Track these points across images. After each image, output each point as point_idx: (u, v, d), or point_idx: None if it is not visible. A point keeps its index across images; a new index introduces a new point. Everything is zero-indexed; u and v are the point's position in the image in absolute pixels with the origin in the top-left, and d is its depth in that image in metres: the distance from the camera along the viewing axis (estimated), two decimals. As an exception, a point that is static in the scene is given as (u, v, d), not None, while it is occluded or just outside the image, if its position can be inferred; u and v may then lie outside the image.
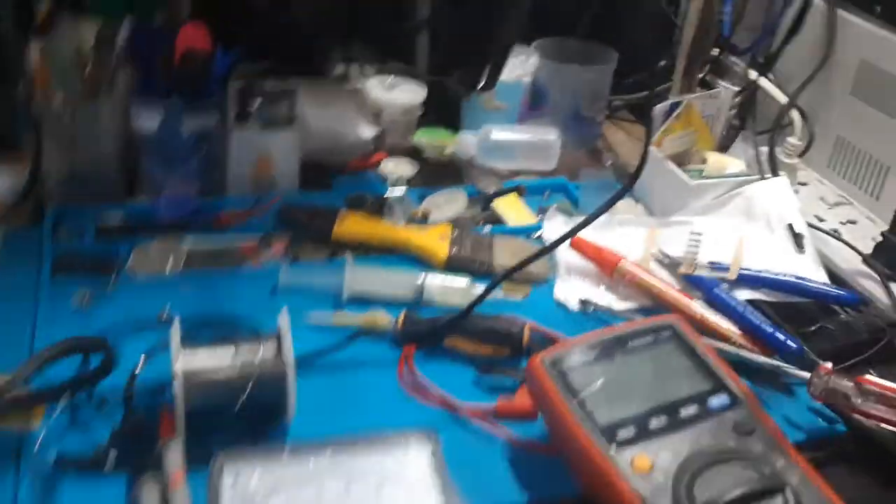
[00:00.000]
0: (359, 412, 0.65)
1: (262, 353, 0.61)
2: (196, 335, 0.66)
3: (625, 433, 0.55)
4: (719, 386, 0.59)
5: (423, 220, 0.88)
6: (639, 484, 0.52)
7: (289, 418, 0.62)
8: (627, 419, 0.56)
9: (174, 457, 0.55)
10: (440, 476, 0.54)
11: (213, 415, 0.59)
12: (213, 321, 0.72)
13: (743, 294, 0.80)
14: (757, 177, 0.90)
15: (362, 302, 0.77)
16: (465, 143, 1.02)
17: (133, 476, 0.56)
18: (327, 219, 0.83)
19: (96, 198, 0.84)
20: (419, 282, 0.77)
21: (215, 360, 0.60)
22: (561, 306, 0.81)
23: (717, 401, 0.58)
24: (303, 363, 0.67)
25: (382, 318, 0.73)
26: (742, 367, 0.72)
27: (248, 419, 0.60)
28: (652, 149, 0.94)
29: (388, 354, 0.72)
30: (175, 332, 0.59)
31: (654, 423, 0.56)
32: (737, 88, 0.99)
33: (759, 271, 0.81)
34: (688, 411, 0.57)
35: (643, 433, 0.55)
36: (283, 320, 0.62)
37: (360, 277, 0.77)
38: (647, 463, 0.53)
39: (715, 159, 0.92)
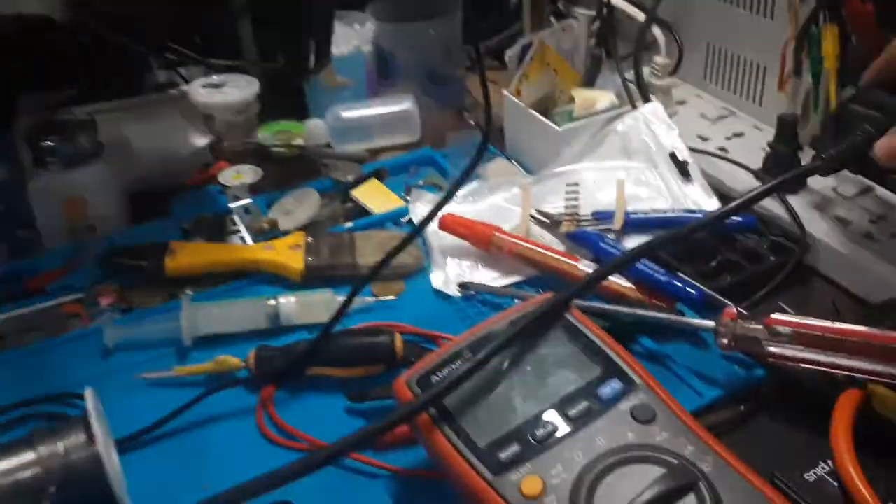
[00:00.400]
0: (215, 478, 0.53)
1: (68, 440, 0.50)
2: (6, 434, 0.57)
3: (508, 453, 0.47)
4: (611, 371, 0.51)
5: (273, 231, 0.77)
6: (530, 513, 0.44)
7: (123, 507, 0.52)
8: (509, 435, 0.48)
9: None
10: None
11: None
12: (32, 405, 0.61)
13: (633, 242, 0.72)
14: (627, 108, 0.82)
15: (212, 343, 0.67)
16: (314, 130, 0.92)
17: None
18: (157, 256, 0.72)
19: None
20: (272, 307, 0.67)
21: (19, 460, 0.50)
22: (441, 296, 0.72)
23: (608, 389, 0.49)
24: (140, 435, 0.58)
25: (232, 361, 0.63)
26: (645, 325, 0.65)
27: None
28: (511, 98, 0.85)
29: (245, 401, 0.62)
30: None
31: (541, 432, 0.48)
32: (592, 13, 0.90)
33: (646, 213, 0.74)
34: (577, 409, 0.48)
35: (529, 449, 0.47)
36: (90, 398, 0.52)
37: (200, 317, 0.66)
38: (538, 485, 0.45)
39: (583, 97, 0.83)
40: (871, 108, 0.63)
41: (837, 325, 0.56)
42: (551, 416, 0.48)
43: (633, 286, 0.67)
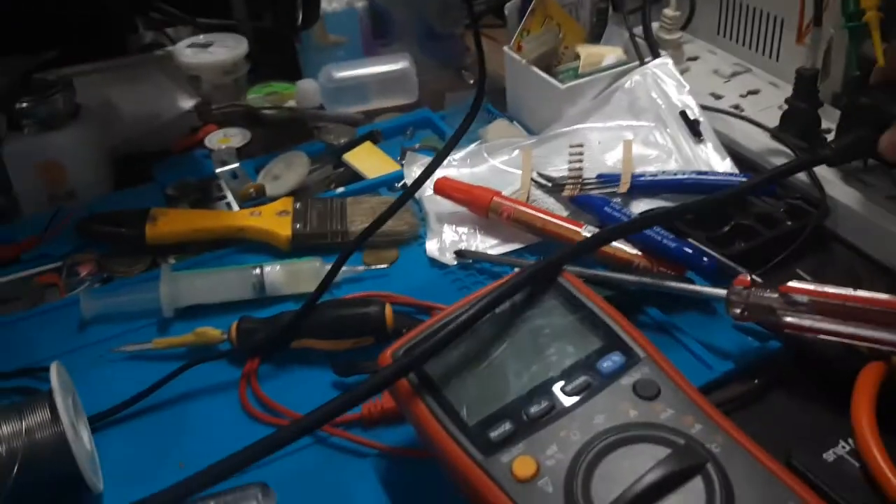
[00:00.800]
0: (195, 456, 0.50)
1: (32, 419, 0.47)
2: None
3: (499, 432, 0.43)
4: (612, 343, 0.47)
5: (260, 197, 0.73)
6: (521, 497, 0.40)
7: (94, 489, 0.49)
8: (501, 411, 0.44)
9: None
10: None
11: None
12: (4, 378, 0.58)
13: (640, 206, 0.68)
14: (636, 64, 0.77)
15: (194, 314, 0.63)
16: (306, 91, 0.87)
17: None
18: (137, 222, 0.68)
19: None
20: (257, 276, 0.64)
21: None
22: (436, 265, 0.68)
23: (609, 363, 0.46)
24: (115, 411, 0.55)
25: (213, 333, 0.59)
26: (653, 295, 0.61)
27: (40, 499, 0.48)
28: (511, 54, 0.80)
29: (227, 375, 0.58)
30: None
31: (535, 409, 0.44)
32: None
33: (655, 175, 0.69)
34: (575, 384, 0.45)
35: (522, 427, 0.43)
36: (54, 374, 0.48)
37: (182, 287, 0.63)
38: (531, 467, 0.41)
39: (589, 53, 0.79)
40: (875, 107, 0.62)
41: (859, 292, 0.52)
42: (547, 391, 0.45)
43: (639, 253, 0.63)
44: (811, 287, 0.53)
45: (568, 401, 0.44)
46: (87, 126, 0.74)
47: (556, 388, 0.45)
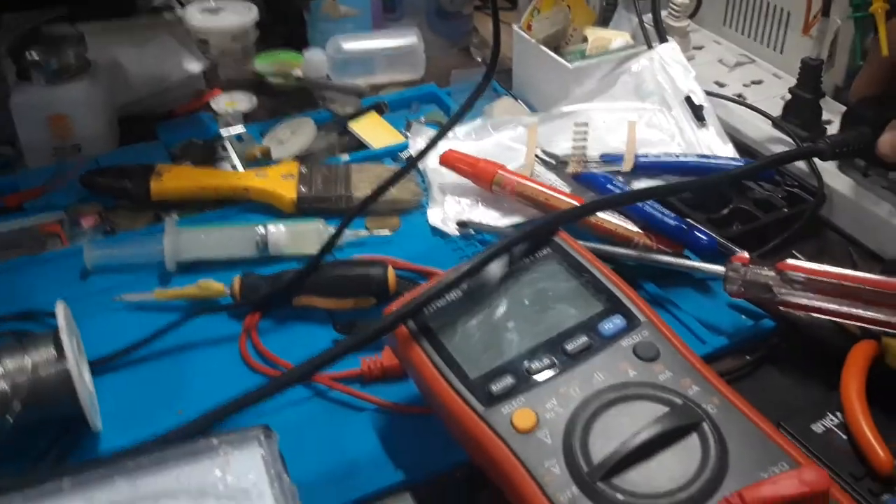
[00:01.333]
0: (192, 404, 0.50)
1: (37, 355, 0.48)
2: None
3: (500, 386, 0.44)
4: (613, 306, 0.47)
5: (265, 159, 0.74)
6: (520, 446, 0.41)
7: (94, 427, 0.50)
8: (503, 366, 0.45)
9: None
10: (274, 481, 0.42)
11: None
12: (6, 321, 0.58)
13: (642, 186, 0.69)
14: (643, 48, 0.78)
15: (196, 269, 0.64)
16: (313, 61, 0.88)
17: None
18: (142, 177, 0.68)
19: None
20: (261, 234, 0.64)
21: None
22: (438, 234, 0.69)
23: (610, 325, 0.46)
24: (116, 357, 0.56)
25: (215, 287, 0.60)
26: (651, 269, 0.62)
27: (39, 436, 0.48)
28: (521, 33, 0.81)
29: (228, 329, 0.59)
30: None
31: (536, 365, 0.45)
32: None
33: (658, 156, 0.70)
34: (576, 344, 0.46)
35: (523, 381, 0.44)
36: (60, 312, 0.49)
37: (186, 241, 0.63)
38: (531, 418, 0.42)
39: (596, 36, 0.79)
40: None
41: (854, 273, 0.53)
42: (548, 350, 0.45)
43: (640, 230, 0.64)
44: (807, 265, 0.54)
45: (569, 359, 0.45)
46: (97, 82, 0.74)
47: (558, 347, 0.46)
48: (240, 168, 0.73)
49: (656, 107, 0.75)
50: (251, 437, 0.44)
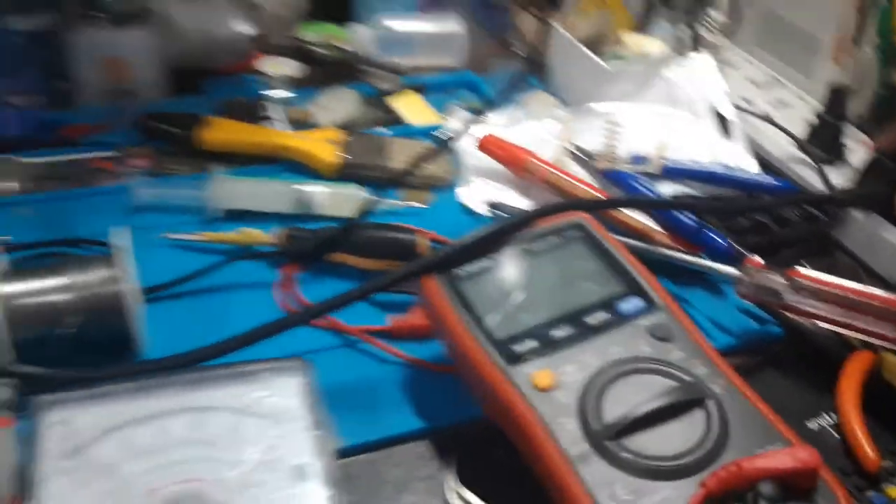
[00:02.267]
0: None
1: (97, 274, 0.51)
2: (35, 262, 0.57)
3: (523, 347, 0.47)
4: (633, 289, 0.51)
5: (309, 123, 0.77)
6: (538, 402, 0.44)
7: (138, 349, 0.53)
8: (527, 331, 0.48)
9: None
10: (311, 407, 0.45)
11: (46, 345, 0.50)
12: (57, 246, 0.61)
13: (667, 188, 0.72)
14: (679, 56, 0.81)
15: (237, 219, 0.67)
16: (359, 36, 0.91)
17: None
18: (191, 125, 0.71)
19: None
20: (303, 192, 0.68)
21: (44, 284, 0.51)
22: (468, 212, 0.72)
23: (629, 305, 0.50)
24: (162, 288, 0.59)
25: (259, 235, 0.63)
26: (665, 267, 0.65)
27: (90, 352, 0.51)
28: (561, 31, 0.85)
29: (265, 276, 0.62)
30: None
31: (558, 333, 0.48)
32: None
33: (685, 163, 0.73)
34: (596, 318, 0.49)
35: (545, 346, 0.47)
36: (119, 238, 0.52)
37: (231, 190, 0.66)
38: (550, 379, 0.46)
39: (633, 41, 0.83)
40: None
41: (861, 286, 0.56)
42: (570, 320, 0.49)
43: (660, 229, 0.67)
44: (817, 275, 0.57)
45: (588, 331, 0.48)
46: (155, 30, 0.77)
47: (579, 319, 0.49)
48: (285, 128, 0.76)
49: (686, 115, 0.78)
50: (292, 365, 0.47)
